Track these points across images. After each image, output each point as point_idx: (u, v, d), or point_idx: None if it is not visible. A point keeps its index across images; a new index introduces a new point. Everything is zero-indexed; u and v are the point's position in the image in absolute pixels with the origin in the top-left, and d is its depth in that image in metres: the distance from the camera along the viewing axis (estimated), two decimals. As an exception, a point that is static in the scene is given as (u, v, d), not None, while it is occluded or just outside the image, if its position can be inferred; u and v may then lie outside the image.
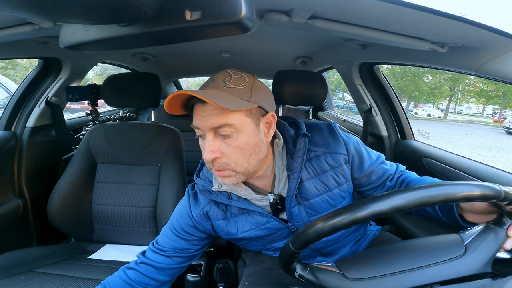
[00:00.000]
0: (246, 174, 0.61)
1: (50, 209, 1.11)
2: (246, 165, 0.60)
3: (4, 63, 13.92)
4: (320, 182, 0.69)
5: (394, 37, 0.76)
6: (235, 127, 0.57)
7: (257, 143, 0.60)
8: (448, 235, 0.51)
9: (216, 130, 0.57)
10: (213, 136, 0.58)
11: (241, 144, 0.58)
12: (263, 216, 0.68)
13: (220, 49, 1.67)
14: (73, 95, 1.37)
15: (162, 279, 0.72)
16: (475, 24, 0.58)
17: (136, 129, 1.28)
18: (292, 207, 0.68)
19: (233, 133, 0.57)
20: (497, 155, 7.81)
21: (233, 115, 0.56)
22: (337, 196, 0.70)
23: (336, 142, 0.70)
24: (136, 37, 0.52)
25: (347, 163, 0.70)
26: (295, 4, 0.66)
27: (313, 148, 0.69)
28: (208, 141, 0.57)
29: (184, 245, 0.72)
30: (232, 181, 0.61)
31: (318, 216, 0.69)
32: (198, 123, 0.58)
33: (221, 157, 0.58)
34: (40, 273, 0.92)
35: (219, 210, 0.70)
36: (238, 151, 0.58)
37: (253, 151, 0.60)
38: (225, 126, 0.56)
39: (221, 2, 0.44)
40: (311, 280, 0.50)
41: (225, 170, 0.59)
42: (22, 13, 0.53)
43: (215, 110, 0.55)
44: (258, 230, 0.70)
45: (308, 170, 0.68)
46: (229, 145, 0.58)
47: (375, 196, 0.43)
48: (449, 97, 19.60)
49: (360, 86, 1.46)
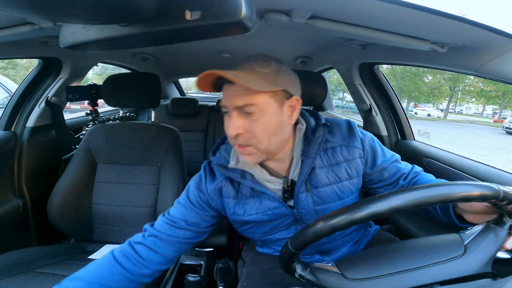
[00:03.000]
0: (267, 153, 0.65)
1: (50, 209, 1.11)
2: (267, 143, 0.63)
3: (4, 63, 13.92)
4: (332, 172, 0.71)
5: (394, 37, 0.76)
6: (259, 106, 0.60)
7: (279, 124, 0.63)
8: (448, 235, 0.51)
9: (241, 108, 0.60)
10: (238, 113, 0.61)
11: (264, 123, 0.61)
12: (272, 201, 0.70)
13: (220, 49, 1.67)
14: (73, 95, 1.37)
15: (168, 255, 0.71)
16: (475, 24, 0.58)
17: (136, 129, 1.28)
18: (300, 193, 0.69)
19: (257, 112, 0.60)
20: (497, 155, 7.81)
21: (258, 95, 0.60)
22: (347, 188, 0.71)
23: (353, 137, 0.73)
24: (136, 37, 0.52)
25: (361, 158, 0.72)
26: (295, 4, 0.66)
27: (330, 139, 0.72)
28: (233, 118, 0.61)
29: (194, 219, 0.73)
30: (252, 159, 0.64)
31: (323, 206, 0.71)
32: (225, 101, 0.62)
33: (244, 133, 0.61)
34: (40, 273, 0.92)
35: (232, 188, 0.72)
36: (260, 129, 0.61)
37: (275, 131, 0.63)
38: (249, 106, 0.60)
39: (221, 2, 0.44)
40: (311, 280, 0.50)
41: (247, 146, 0.63)
42: (22, 13, 0.53)
43: (242, 90, 0.59)
44: (265, 215, 0.71)
45: (322, 159, 0.71)
46: (253, 123, 0.61)
47: (373, 196, 0.43)
48: (449, 97, 19.60)
49: (360, 86, 1.46)
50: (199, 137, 2.44)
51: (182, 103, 2.44)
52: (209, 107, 2.56)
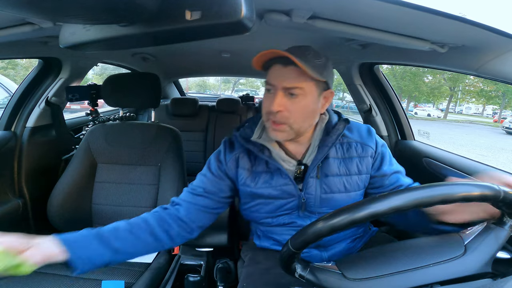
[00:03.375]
0: (297, 132, 0.71)
1: (50, 209, 1.11)
2: (301, 124, 0.70)
3: (4, 63, 13.91)
4: (344, 164, 0.75)
5: (394, 37, 0.76)
6: (304, 91, 0.67)
7: (314, 110, 0.71)
8: (448, 235, 0.51)
9: (288, 89, 0.67)
10: (283, 93, 0.67)
11: (303, 106, 0.68)
12: (283, 177, 0.74)
13: (220, 49, 1.67)
14: (73, 95, 1.37)
15: (189, 222, 0.75)
16: (475, 24, 0.58)
17: (136, 129, 1.28)
18: (310, 177, 0.74)
19: (300, 95, 0.67)
20: (497, 155, 7.81)
21: (306, 81, 0.66)
22: (354, 182, 0.75)
23: (370, 137, 0.78)
24: (136, 37, 0.52)
25: (372, 157, 0.77)
26: (295, 4, 0.66)
27: (348, 135, 0.77)
28: (277, 97, 0.67)
29: (213, 188, 0.78)
30: (283, 136, 0.71)
31: (329, 195, 0.75)
32: (273, 81, 0.68)
33: (284, 111, 0.67)
34: (40, 273, 0.92)
35: (248, 160, 0.78)
36: (299, 111, 0.68)
37: (309, 115, 0.71)
38: (297, 88, 0.66)
39: (221, 2, 0.44)
40: (311, 280, 0.50)
41: (282, 124, 0.69)
42: (22, 13, 0.53)
43: (294, 73, 0.66)
44: (274, 190, 0.75)
45: (337, 151, 0.76)
46: (294, 104, 0.67)
47: (373, 196, 0.43)
48: (449, 97, 19.59)
49: (360, 86, 1.46)
50: (199, 137, 2.44)
51: (182, 103, 2.44)
52: (209, 107, 2.56)
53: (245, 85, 22.33)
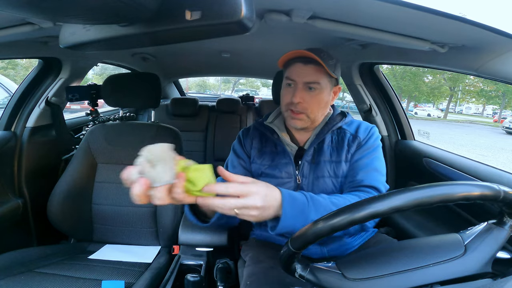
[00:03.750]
0: (312, 120, 0.83)
1: (50, 209, 1.11)
2: (316, 113, 0.82)
3: (4, 63, 13.91)
4: (336, 152, 0.85)
5: (394, 37, 0.76)
6: (320, 85, 0.79)
7: (327, 102, 0.84)
8: (448, 235, 0.51)
9: (308, 84, 0.79)
10: (303, 87, 0.80)
11: (319, 98, 0.81)
12: (285, 158, 0.86)
13: (220, 49, 1.67)
14: (73, 95, 1.37)
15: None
16: (475, 24, 0.58)
17: (136, 129, 1.28)
18: (306, 160, 0.85)
19: (318, 89, 0.80)
20: (497, 155, 7.81)
21: (322, 77, 0.79)
22: (342, 169, 0.84)
23: (364, 132, 0.86)
24: (136, 37, 0.52)
25: (357, 146, 0.84)
26: (295, 4, 0.66)
27: (345, 128, 0.88)
28: (299, 90, 0.79)
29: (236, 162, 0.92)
30: (301, 124, 0.83)
31: (321, 180, 0.83)
32: (295, 76, 0.80)
33: (303, 103, 0.80)
34: (40, 273, 0.92)
35: (259, 142, 0.92)
36: (316, 102, 0.81)
37: (322, 106, 0.83)
38: (315, 83, 0.79)
39: (221, 2, 0.44)
40: (311, 280, 0.50)
41: (301, 113, 0.81)
42: (22, 13, 0.53)
43: (313, 70, 0.78)
44: (275, 169, 0.86)
45: (332, 140, 0.87)
46: (312, 96, 0.80)
47: (373, 196, 0.43)
48: (449, 97, 19.59)
49: (360, 86, 1.46)
50: (199, 137, 2.44)
51: (182, 103, 2.44)
52: (209, 107, 2.56)
53: (245, 85, 22.34)
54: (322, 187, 0.83)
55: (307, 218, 0.59)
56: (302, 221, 0.58)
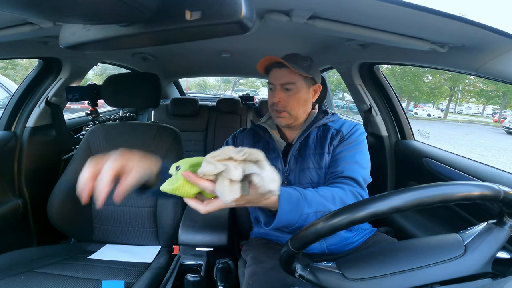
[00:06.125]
0: (295, 117, 0.91)
1: (50, 209, 1.11)
2: (297, 111, 0.90)
3: (4, 63, 13.90)
4: (320, 144, 0.91)
5: (394, 37, 0.76)
6: (296, 85, 0.88)
7: (306, 100, 0.91)
8: (448, 235, 0.51)
9: (284, 85, 0.88)
10: (280, 89, 0.89)
11: (297, 97, 0.89)
12: (274, 152, 0.93)
13: (220, 49, 1.67)
14: (73, 95, 1.37)
15: None
16: (475, 24, 0.58)
17: (136, 129, 1.28)
18: (292, 155, 0.91)
19: (294, 89, 0.88)
20: (497, 155, 7.81)
21: (297, 78, 0.87)
22: (324, 160, 0.88)
23: (347, 128, 0.91)
24: (136, 37, 0.52)
25: (340, 140, 0.89)
26: (295, 4, 0.66)
27: (330, 125, 0.93)
28: (277, 92, 0.89)
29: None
30: (285, 121, 0.91)
31: (307, 172, 0.88)
32: (273, 80, 0.90)
33: (283, 102, 0.88)
34: (40, 273, 0.92)
35: (252, 139, 0.98)
36: (294, 100, 0.89)
37: (302, 104, 0.91)
38: (290, 84, 0.87)
39: (221, 2, 0.44)
40: (311, 280, 0.50)
41: (283, 112, 0.89)
42: (22, 13, 0.53)
43: (287, 73, 0.87)
44: None
45: (317, 135, 0.93)
46: (289, 96, 0.88)
47: (373, 196, 0.43)
48: (449, 97, 19.58)
49: (360, 86, 1.46)
50: (199, 137, 2.44)
51: (182, 103, 2.44)
52: (209, 107, 2.56)
53: (245, 85, 22.32)
54: (308, 178, 0.88)
55: (302, 213, 0.62)
56: (297, 215, 0.61)
